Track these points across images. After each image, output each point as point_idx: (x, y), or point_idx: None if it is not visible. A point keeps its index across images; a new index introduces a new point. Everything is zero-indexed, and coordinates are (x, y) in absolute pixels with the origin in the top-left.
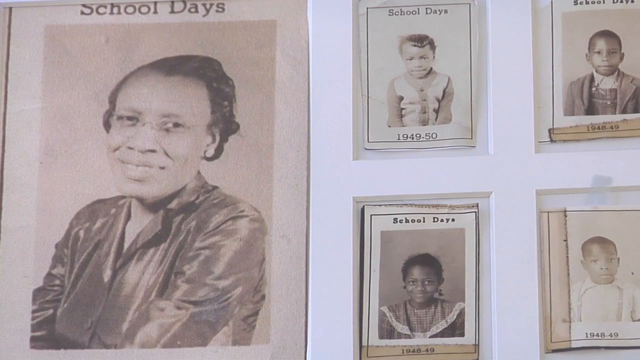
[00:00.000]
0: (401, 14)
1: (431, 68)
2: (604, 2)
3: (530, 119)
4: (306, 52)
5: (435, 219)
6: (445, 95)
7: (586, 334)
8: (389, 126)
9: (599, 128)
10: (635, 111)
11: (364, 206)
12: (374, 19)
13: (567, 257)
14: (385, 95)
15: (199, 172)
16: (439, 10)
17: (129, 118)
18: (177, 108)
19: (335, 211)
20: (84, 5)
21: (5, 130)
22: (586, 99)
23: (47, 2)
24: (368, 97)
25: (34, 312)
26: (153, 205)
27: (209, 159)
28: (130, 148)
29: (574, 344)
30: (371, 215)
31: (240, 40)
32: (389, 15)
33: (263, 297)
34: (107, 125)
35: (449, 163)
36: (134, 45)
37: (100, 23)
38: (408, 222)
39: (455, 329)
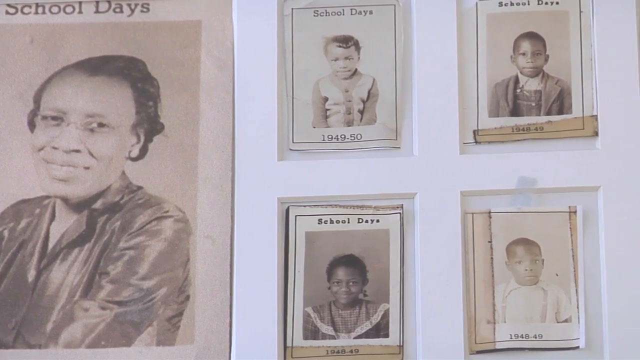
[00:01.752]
0: (326, 15)
1: (356, 69)
2: (528, 4)
3: (455, 120)
4: (231, 53)
5: (360, 220)
6: (370, 96)
7: (510, 335)
8: (314, 127)
9: (523, 129)
10: (559, 113)
11: (288, 207)
12: (299, 19)
13: (492, 258)
14: (310, 96)
15: (123, 172)
16: (364, 11)
17: (54, 118)
18: (102, 108)
19: (260, 212)
20: (8, 5)
21: None
22: (511, 101)
23: None
24: (293, 97)
25: None
26: (78, 205)
27: (133, 159)
28: (54, 148)
29: (498, 345)
30: (296, 216)
31: (165, 40)
32: (314, 16)
33: (187, 297)
34: (32, 125)
35: (373, 164)
36: (58, 45)
37: (25, 23)
38: (333, 222)
39: (380, 330)
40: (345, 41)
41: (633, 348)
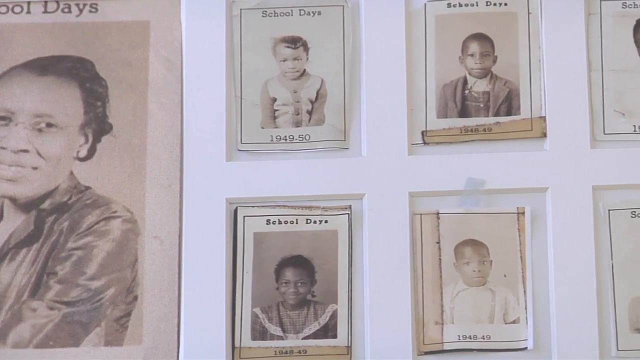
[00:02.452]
0: (275, 16)
1: (304, 69)
2: (477, 5)
3: (404, 121)
4: (179, 53)
5: (308, 221)
6: (319, 97)
7: (458, 336)
8: (262, 127)
9: (472, 131)
10: (508, 114)
11: (237, 207)
12: (247, 20)
13: (440, 259)
14: (258, 96)
15: (71, 173)
16: (313, 11)
17: (2, 118)
18: (50, 108)
19: (208, 212)
20: None
21: None
22: (459, 102)
23: None
24: (241, 98)
25: None
26: (26, 206)
27: (81, 160)
28: (2, 148)
29: (446, 346)
30: (244, 217)
31: (113, 40)
32: (263, 16)
33: (135, 297)
34: None
35: (322, 165)
36: (7, 45)
37: None
38: (281, 223)
39: (328, 330)
40: (294, 42)
41: (580, 349)
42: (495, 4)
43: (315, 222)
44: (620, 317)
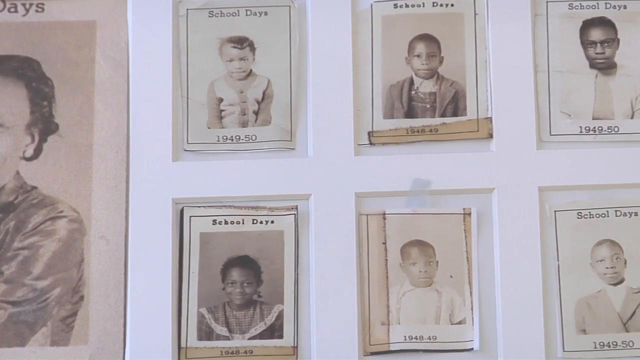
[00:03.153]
0: (221, 16)
1: (251, 70)
2: (423, 6)
3: (350, 121)
4: (126, 53)
5: (255, 221)
6: (265, 97)
7: (405, 336)
8: (209, 128)
9: (418, 131)
10: (454, 115)
11: (183, 207)
12: (194, 20)
13: (386, 260)
14: (205, 96)
15: (17, 172)
16: (259, 12)
17: None
18: None
19: (154, 212)
20: None
21: None
22: (406, 102)
23: None
24: (188, 98)
25: None
26: None
27: (28, 159)
28: None
29: (393, 347)
30: (190, 217)
31: (60, 40)
32: (209, 16)
33: (82, 297)
34: None
35: (268, 165)
36: None
37: None
38: (227, 223)
39: (274, 331)
40: (240, 42)
41: (526, 350)
42: (441, 5)
43: (261, 222)
44: (566, 318)
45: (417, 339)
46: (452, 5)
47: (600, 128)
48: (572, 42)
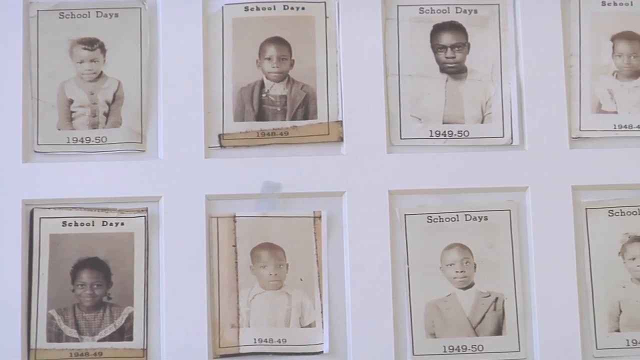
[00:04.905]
0: (72, 17)
1: (101, 71)
2: (274, 9)
3: (201, 124)
4: None
5: (105, 223)
6: (116, 99)
7: (255, 339)
8: (59, 129)
9: (268, 134)
10: (304, 118)
11: (33, 209)
12: (44, 21)
13: (236, 262)
14: (55, 98)
15: None
16: (110, 13)
17: None
18: None
19: (3, 213)
20: None
21: None
22: (256, 105)
23: None
24: (38, 99)
25: None
26: None
27: None
28: None
29: (242, 350)
30: (40, 218)
31: None
32: (60, 18)
33: None
34: None
35: (118, 167)
36: None
37: None
38: (77, 225)
39: (124, 333)
40: (91, 43)
41: (376, 353)
42: (292, 8)
43: (111, 224)
44: (415, 321)
45: (267, 341)
46: (302, 8)
47: (450, 132)
48: (422, 46)
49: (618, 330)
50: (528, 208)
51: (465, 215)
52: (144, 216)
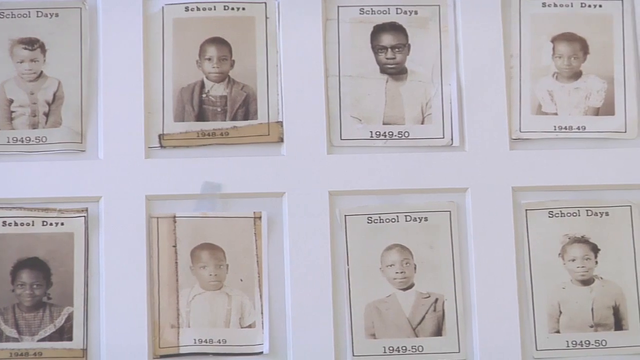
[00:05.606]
0: (12, 17)
1: (42, 71)
2: (215, 9)
3: (141, 124)
4: None
5: (45, 223)
6: (56, 99)
7: (195, 340)
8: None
9: (209, 134)
10: (245, 118)
11: None
12: None
13: (176, 263)
14: None
15: None
16: (50, 13)
17: None
18: None
19: None
20: None
21: None
22: (196, 105)
23: None
24: None
25: None
26: None
27: None
28: None
29: (182, 350)
30: None
31: None
32: (0, 17)
33: None
34: None
35: (58, 167)
36: None
37: None
38: (17, 225)
39: (64, 333)
40: (31, 43)
41: (316, 353)
42: (233, 9)
43: (51, 224)
44: (355, 322)
45: (207, 342)
46: (243, 9)
47: (390, 133)
48: (363, 47)
49: (558, 332)
50: (468, 209)
51: (406, 216)
52: (84, 216)
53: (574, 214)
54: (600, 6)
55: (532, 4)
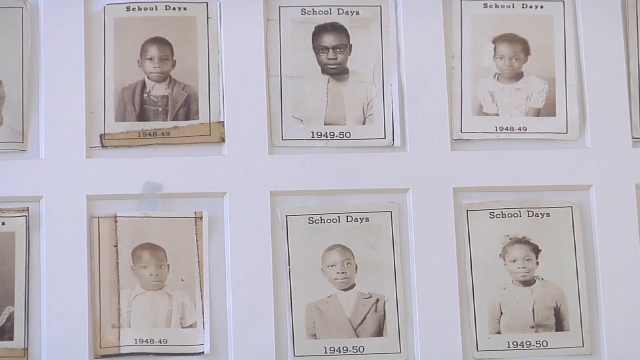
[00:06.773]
0: None
1: None
2: (156, 9)
3: (82, 124)
4: None
5: None
6: None
7: (136, 340)
8: None
9: (150, 135)
10: (186, 118)
11: None
12: None
13: (118, 263)
14: None
15: None
16: None
17: None
18: None
19: None
20: None
21: None
22: (138, 106)
23: None
24: None
25: None
26: None
27: None
28: None
29: (123, 350)
30: None
31: None
32: None
33: None
34: None
35: None
36: None
37: None
38: None
39: (5, 333)
40: None
41: (257, 353)
42: (174, 9)
43: None
44: (297, 322)
45: (148, 342)
46: (185, 9)
47: (332, 134)
48: (304, 47)
49: (499, 332)
50: (409, 210)
51: (347, 216)
52: (25, 216)
53: (515, 215)
54: (541, 7)
55: (474, 5)
